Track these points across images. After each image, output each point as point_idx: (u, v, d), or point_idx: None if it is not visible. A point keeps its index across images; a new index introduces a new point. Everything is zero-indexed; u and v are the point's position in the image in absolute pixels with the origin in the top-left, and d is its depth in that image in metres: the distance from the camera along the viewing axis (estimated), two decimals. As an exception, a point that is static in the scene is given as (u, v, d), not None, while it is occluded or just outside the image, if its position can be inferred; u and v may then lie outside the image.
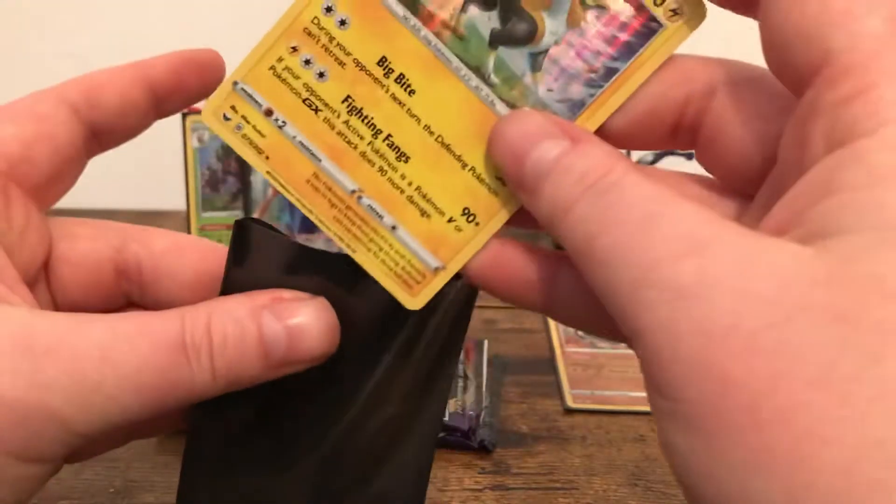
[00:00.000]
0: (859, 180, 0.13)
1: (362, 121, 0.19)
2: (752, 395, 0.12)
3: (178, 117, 0.50)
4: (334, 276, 0.20)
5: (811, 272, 0.12)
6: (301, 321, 0.19)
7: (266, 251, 0.20)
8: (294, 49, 0.18)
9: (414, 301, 0.20)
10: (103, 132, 0.21)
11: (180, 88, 0.21)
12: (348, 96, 0.19)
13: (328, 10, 0.18)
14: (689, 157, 0.67)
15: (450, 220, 0.19)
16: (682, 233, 0.14)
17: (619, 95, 0.18)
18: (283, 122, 0.19)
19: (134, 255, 0.22)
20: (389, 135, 0.19)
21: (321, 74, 0.19)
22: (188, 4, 0.69)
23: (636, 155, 0.59)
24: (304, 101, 0.19)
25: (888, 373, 0.11)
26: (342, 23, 0.18)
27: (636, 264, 0.14)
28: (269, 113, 0.19)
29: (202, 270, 0.22)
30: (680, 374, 0.13)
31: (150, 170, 0.73)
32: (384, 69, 0.18)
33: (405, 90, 0.18)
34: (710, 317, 0.13)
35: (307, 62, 0.18)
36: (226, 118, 0.19)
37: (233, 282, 0.20)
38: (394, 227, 0.19)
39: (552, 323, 0.49)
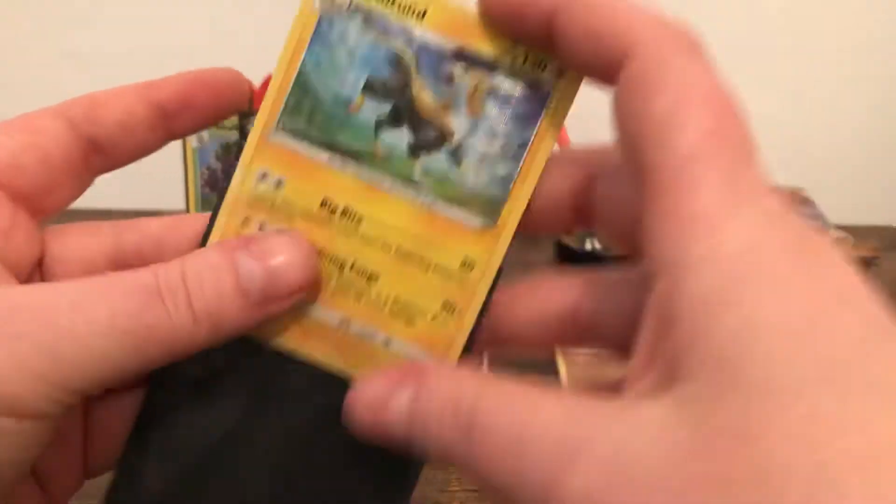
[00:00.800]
0: (682, 312, 0.13)
1: (326, 260, 0.20)
2: None
3: (177, 117, 0.50)
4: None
5: (675, 447, 0.12)
6: (274, 253, 0.19)
7: None
8: (246, 220, 0.20)
9: None
10: (107, 147, 0.21)
11: (190, 107, 0.21)
12: None
13: (263, 176, 0.20)
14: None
15: (433, 318, 0.20)
16: (552, 446, 0.14)
17: (540, 158, 0.20)
18: None
19: (131, 244, 0.22)
20: (353, 263, 0.20)
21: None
22: (188, 4, 0.69)
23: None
24: None
25: None
26: (278, 183, 0.20)
27: (531, 497, 0.14)
28: None
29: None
30: None
31: (149, 170, 0.73)
32: (328, 209, 0.20)
33: (352, 220, 0.20)
34: None
35: (261, 228, 0.20)
36: None
37: None
38: (387, 342, 0.20)
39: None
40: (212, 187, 0.51)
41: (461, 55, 0.19)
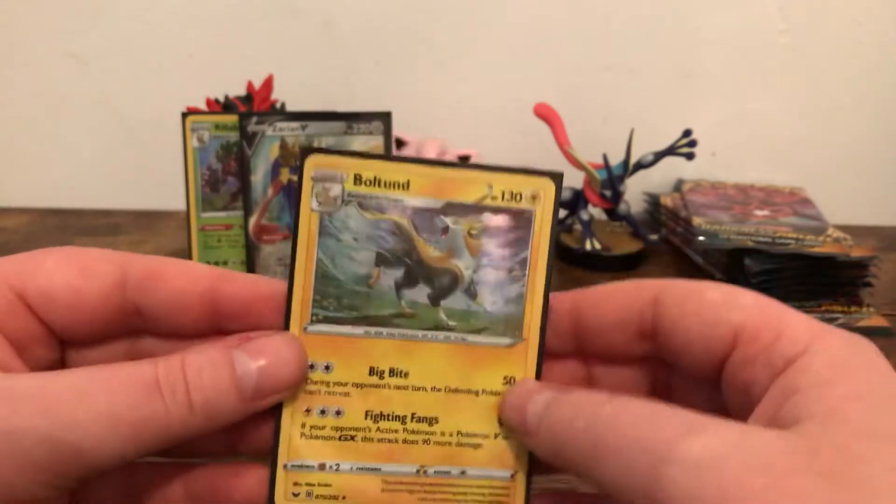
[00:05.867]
0: (805, 384, 0.17)
1: (388, 419, 0.22)
2: None
3: (177, 116, 0.50)
4: None
5: (793, 446, 0.16)
6: (268, 353, 0.20)
7: None
8: (308, 410, 0.22)
9: None
10: (148, 318, 0.21)
11: (249, 314, 0.21)
12: (367, 411, 0.22)
13: (312, 367, 0.22)
14: (689, 157, 0.67)
15: (496, 436, 0.22)
16: (682, 419, 0.17)
17: (541, 267, 0.22)
18: (336, 464, 0.22)
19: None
20: (413, 413, 0.22)
21: (338, 412, 0.22)
22: (188, 5, 0.69)
23: (636, 153, 0.59)
24: (339, 439, 0.22)
25: None
26: (327, 368, 0.22)
27: (652, 449, 0.16)
28: (321, 467, 0.22)
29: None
30: None
31: (150, 170, 0.73)
32: (377, 375, 0.22)
33: (401, 377, 0.22)
34: (727, 482, 0.15)
35: (322, 412, 0.22)
36: (295, 496, 0.22)
37: None
38: (463, 472, 0.22)
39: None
40: (212, 187, 0.51)
41: (449, 208, 0.22)
